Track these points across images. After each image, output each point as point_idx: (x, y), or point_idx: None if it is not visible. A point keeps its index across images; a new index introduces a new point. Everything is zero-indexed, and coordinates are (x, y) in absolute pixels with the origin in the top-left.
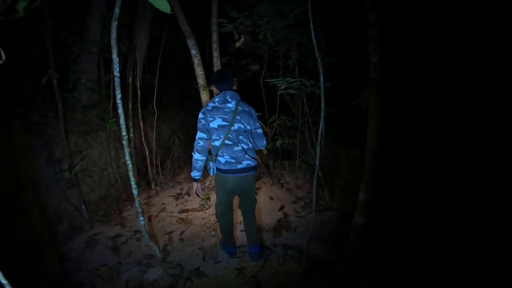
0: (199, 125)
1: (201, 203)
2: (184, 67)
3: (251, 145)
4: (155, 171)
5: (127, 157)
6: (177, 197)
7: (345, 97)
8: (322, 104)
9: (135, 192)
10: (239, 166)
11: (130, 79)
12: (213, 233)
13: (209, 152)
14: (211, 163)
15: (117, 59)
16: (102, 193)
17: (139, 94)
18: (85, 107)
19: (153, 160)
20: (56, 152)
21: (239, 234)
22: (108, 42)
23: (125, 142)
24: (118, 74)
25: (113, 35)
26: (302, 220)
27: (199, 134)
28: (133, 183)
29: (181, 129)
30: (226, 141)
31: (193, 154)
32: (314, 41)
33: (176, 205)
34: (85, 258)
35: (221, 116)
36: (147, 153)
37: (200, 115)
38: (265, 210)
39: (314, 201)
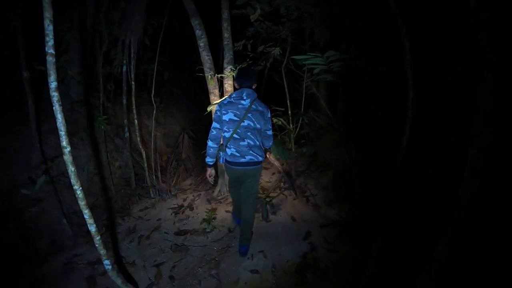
0: (214, 115)
1: (202, 225)
2: (198, 59)
3: (258, 142)
4: (154, 176)
5: (73, 180)
6: (178, 210)
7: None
8: (410, 95)
9: (92, 229)
10: (242, 160)
11: (124, 68)
12: (213, 272)
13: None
14: (221, 153)
15: (51, 27)
16: (91, 202)
17: (133, 86)
18: (73, 103)
19: (152, 164)
20: (34, 156)
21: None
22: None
23: (66, 157)
24: (51, 51)
25: None
26: (336, 257)
27: (214, 124)
28: (87, 216)
29: (193, 125)
30: (235, 135)
31: (207, 141)
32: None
33: (174, 222)
34: None
35: (233, 111)
36: (144, 155)
37: (217, 107)
38: (285, 238)
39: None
